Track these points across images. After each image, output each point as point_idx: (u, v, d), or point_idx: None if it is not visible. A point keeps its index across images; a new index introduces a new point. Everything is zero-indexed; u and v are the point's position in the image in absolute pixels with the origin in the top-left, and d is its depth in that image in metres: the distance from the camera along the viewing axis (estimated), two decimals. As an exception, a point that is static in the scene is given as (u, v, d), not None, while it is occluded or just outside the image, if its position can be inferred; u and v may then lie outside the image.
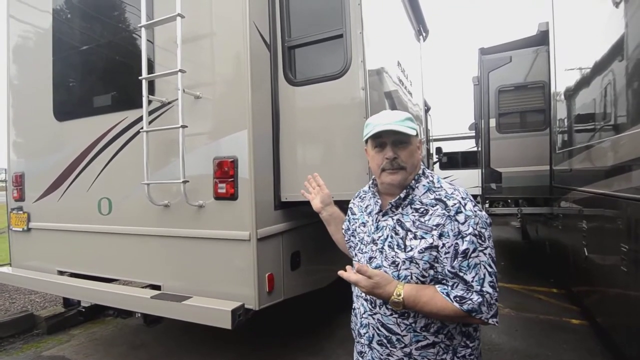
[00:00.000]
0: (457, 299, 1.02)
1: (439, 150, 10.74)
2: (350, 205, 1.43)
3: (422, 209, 1.12)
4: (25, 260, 3.38)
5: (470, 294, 1.03)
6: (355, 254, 1.29)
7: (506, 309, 4.24)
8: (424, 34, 5.34)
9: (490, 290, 1.03)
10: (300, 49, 2.61)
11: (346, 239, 1.43)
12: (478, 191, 7.34)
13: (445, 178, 1.26)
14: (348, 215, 1.44)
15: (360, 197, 1.40)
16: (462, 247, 1.04)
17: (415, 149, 1.17)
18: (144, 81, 2.43)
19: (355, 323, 1.27)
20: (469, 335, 1.14)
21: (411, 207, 1.15)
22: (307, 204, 1.60)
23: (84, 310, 3.03)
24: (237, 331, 2.25)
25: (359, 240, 1.27)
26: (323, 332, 3.62)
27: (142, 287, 2.82)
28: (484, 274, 1.04)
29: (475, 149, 10.10)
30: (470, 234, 1.04)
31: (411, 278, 1.08)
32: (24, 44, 3.43)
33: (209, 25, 2.48)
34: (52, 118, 3.16)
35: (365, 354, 1.21)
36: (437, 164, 12.14)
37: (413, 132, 1.14)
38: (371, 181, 1.32)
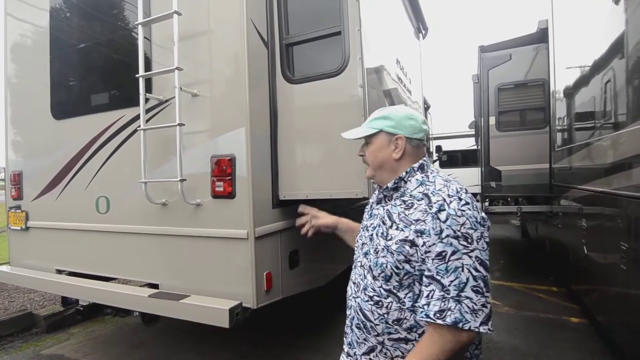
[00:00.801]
0: (437, 315, 0.96)
1: (438, 148, 10.73)
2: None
3: (409, 202, 1.12)
4: (23, 259, 3.38)
5: (447, 302, 0.96)
6: (357, 241, 1.32)
7: (506, 307, 4.23)
8: (423, 32, 5.32)
9: (472, 295, 0.96)
10: (298, 46, 2.59)
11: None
12: (478, 189, 7.33)
13: None
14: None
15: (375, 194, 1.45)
16: (440, 249, 0.99)
17: (379, 147, 1.19)
18: (141, 79, 2.42)
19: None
20: None
21: (400, 199, 1.15)
22: (306, 202, 1.59)
23: (82, 309, 3.02)
24: (236, 330, 2.25)
25: (362, 227, 1.32)
26: (322, 331, 3.62)
27: (140, 286, 2.82)
28: (467, 278, 0.97)
29: (475, 147, 10.08)
30: (449, 235, 0.99)
31: (386, 267, 1.08)
32: (22, 42, 3.41)
33: (206, 23, 2.46)
34: (49, 116, 3.14)
35: (347, 335, 1.24)
36: (437, 162, 12.13)
37: (370, 132, 1.20)
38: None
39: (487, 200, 6.37)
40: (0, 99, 3.54)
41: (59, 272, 3.10)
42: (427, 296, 0.99)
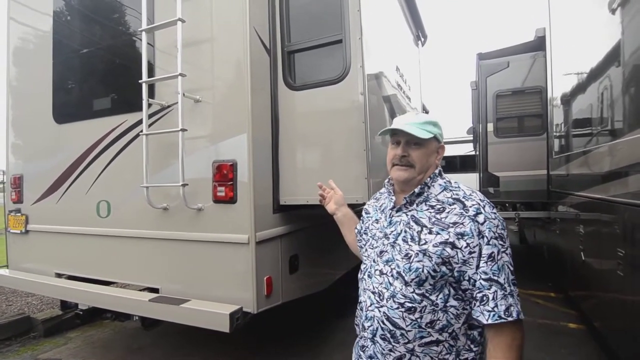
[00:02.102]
0: (506, 313, 1.04)
1: (437, 154, 10.75)
2: (366, 206, 1.47)
3: (438, 206, 1.15)
4: (22, 263, 3.37)
5: (507, 299, 1.05)
6: (365, 250, 1.32)
7: (504, 313, 4.24)
8: (422, 39, 5.38)
9: (514, 287, 1.07)
10: (300, 54, 2.63)
11: (358, 239, 1.46)
12: (476, 195, 7.35)
13: None
14: (362, 217, 1.47)
15: (375, 199, 1.44)
16: (489, 251, 1.06)
17: (430, 152, 1.21)
18: (144, 85, 2.44)
19: (360, 317, 1.27)
20: (473, 339, 1.13)
21: (426, 204, 1.18)
22: (306, 207, 1.61)
23: (81, 313, 3.02)
24: (235, 334, 2.25)
25: (370, 236, 1.31)
26: (322, 336, 3.62)
27: (140, 290, 2.82)
28: (508, 273, 1.07)
29: (473, 152, 10.13)
30: (493, 237, 1.07)
31: (422, 271, 1.09)
32: (24, 46, 3.44)
33: (210, 30, 2.49)
34: (51, 120, 3.16)
35: (367, 348, 1.20)
36: (436, 167, 12.13)
37: (428, 135, 1.18)
38: (387, 179, 1.34)
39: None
40: (2, 102, 3.55)
41: (59, 275, 3.10)
42: (493, 298, 1.05)
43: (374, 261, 1.24)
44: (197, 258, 2.48)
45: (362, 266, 1.32)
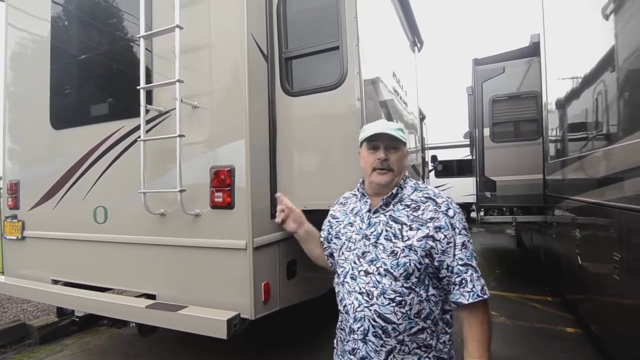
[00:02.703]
0: (482, 291, 1.18)
1: (434, 158, 10.80)
2: (331, 212, 1.48)
3: (413, 205, 1.26)
4: (18, 269, 3.35)
5: (480, 279, 1.20)
6: (341, 254, 1.34)
7: (501, 317, 4.25)
8: (418, 45, 5.43)
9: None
10: (297, 60, 2.65)
11: (325, 246, 1.49)
12: (473, 199, 7.37)
13: (440, 186, 1.38)
14: (329, 223, 1.47)
15: (341, 203, 1.47)
16: (461, 240, 1.21)
17: (403, 155, 1.32)
18: (142, 90, 2.45)
19: (345, 321, 1.29)
20: (447, 322, 1.27)
21: (401, 204, 1.28)
22: (304, 212, 1.61)
23: (77, 319, 3.00)
24: (233, 341, 2.24)
25: (346, 239, 1.34)
26: (321, 341, 3.60)
27: (137, 297, 2.80)
28: (475, 258, 1.23)
29: (470, 157, 10.18)
30: (462, 228, 1.23)
31: (410, 265, 1.19)
32: (22, 51, 3.44)
33: (208, 37, 2.51)
34: (48, 126, 3.15)
35: (359, 350, 1.23)
36: (433, 172, 12.19)
37: (404, 140, 1.30)
38: (359, 185, 1.42)
39: (482, 210, 6.41)
40: (-1, 108, 3.55)
41: (55, 282, 3.08)
42: (471, 280, 1.19)
43: (354, 263, 1.28)
44: (195, 264, 2.48)
45: (340, 270, 1.34)
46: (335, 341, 1.43)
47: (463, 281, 1.18)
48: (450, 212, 1.23)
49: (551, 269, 5.08)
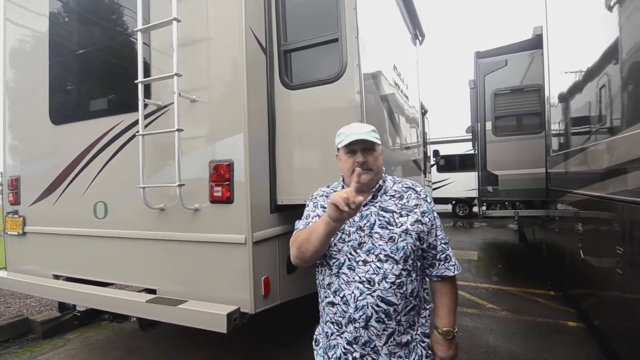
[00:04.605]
0: (457, 266, 1.39)
1: (436, 152, 10.75)
2: (321, 203, 1.47)
3: (397, 195, 1.40)
4: (20, 264, 3.36)
5: (454, 255, 1.41)
6: (334, 245, 1.35)
7: (504, 312, 4.24)
8: (420, 38, 5.38)
9: None
10: (296, 53, 2.62)
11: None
12: (475, 193, 7.35)
13: (442, 181, 1.44)
14: (316, 211, 1.46)
15: (327, 196, 1.49)
16: (438, 222, 1.39)
17: (379, 154, 1.41)
18: (140, 85, 2.43)
19: (343, 312, 1.29)
20: (425, 299, 1.41)
21: (387, 195, 1.40)
22: (304, 207, 1.60)
23: (79, 314, 3.01)
24: (234, 335, 2.24)
25: (339, 232, 1.35)
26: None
27: (138, 291, 2.81)
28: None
29: (472, 151, 10.14)
30: (436, 212, 1.41)
31: (407, 248, 1.30)
32: (21, 47, 3.43)
33: (206, 30, 2.49)
34: (48, 121, 3.15)
35: (361, 337, 1.27)
36: (435, 166, 12.15)
37: (378, 141, 1.38)
38: (341, 183, 1.50)
39: (484, 204, 6.39)
40: (-1, 104, 3.55)
41: (57, 277, 3.09)
42: (453, 256, 1.40)
43: (350, 254, 1.32)
44: (195, 258, 2.47)
45: (332, 261, 1.34)
46: (314, 340, 1.47)
47: (447, 257, 1.38)
48: (429, 199, 1.42)
49: (554, 263, 5.06)
